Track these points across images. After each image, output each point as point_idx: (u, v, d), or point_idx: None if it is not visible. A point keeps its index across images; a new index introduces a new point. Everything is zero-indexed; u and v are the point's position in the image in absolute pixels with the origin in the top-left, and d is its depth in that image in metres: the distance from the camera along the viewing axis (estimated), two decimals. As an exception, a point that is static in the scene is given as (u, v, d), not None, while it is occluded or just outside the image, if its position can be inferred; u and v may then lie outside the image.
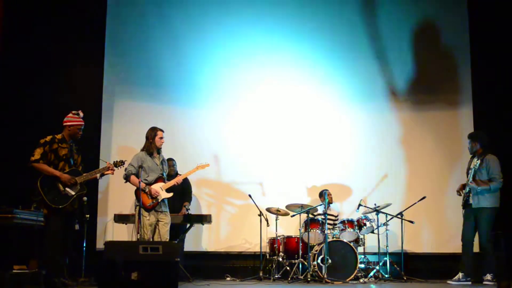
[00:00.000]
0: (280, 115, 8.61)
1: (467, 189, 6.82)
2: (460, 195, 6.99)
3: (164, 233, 6.55)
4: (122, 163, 6.35)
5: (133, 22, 8.68)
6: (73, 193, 5.94)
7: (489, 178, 6.74)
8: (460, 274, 6.76)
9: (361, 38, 8.73)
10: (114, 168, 6.27)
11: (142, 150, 6.77)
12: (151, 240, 6.47)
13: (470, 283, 6.65)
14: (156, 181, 6.64)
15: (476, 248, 6.93)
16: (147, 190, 6.51)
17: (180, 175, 7.15)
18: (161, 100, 8.54)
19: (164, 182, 6.69)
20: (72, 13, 8.38)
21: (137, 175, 6.47)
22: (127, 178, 6.60)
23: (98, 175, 6.16)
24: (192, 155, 8.08)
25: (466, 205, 6.88)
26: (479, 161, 6.74)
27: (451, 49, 8.72)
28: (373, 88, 8.65)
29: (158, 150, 6.77)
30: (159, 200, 6.56)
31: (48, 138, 5.97)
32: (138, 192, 6.43)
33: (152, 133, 6.74)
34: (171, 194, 6.67)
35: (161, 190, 6.59)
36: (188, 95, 8.60)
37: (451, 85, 8.67)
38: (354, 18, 8.78)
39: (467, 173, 6.97)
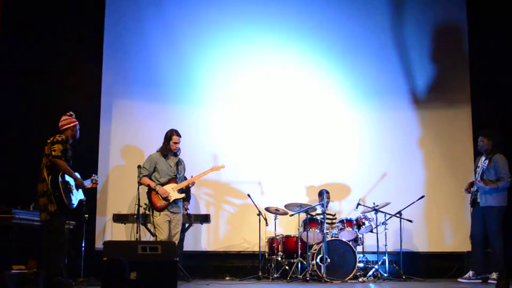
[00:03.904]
0: (279, 115, 8.60)
1: (475, 187, 6.81)
2: (468, 193, 6.97)
3: (173, 234, 6.59)
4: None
5: (132, 22, 8.65)
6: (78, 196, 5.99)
7: (497, 177, 6.72)
8: (470, 272, 6.76)
9: (360, 38, 8.74)
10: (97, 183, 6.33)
11: (158, 150, 6.79)
12: (168, 238, 6.49)
13: (480, 281, 6.64)
14: (169, 182, 6.64)
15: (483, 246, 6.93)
16: (157, 189, 6.52)
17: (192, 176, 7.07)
18: (160, 100, 8.53)
19: (177, 183, 6.68)
20: (70, 13, 8.36)
21: (149, 177, 6.55)
22: (139, 180, 6.60)
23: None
24: (191, 154, 8.04)
25: (474, 203, 6.87)
26: (487, 160, 6.70)
27: (449, 47, 8.74)
28: (371, 87, 8.65)
29: (174, 153, 6.76)
30: (170, 201, 6.55)
31: (63, 136, 5.91)
32: (148, 193, 6.53)
33: (168, 136, 6.74)
34: (183, 195, 6.68)
35: (172, 191, 6.59)
36: (187, 94, 8.59)
37: (450, 84, 8.68)
38: (353, 18, 8.78)
39: (475, 172, 6.97)
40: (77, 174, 5.98)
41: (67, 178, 5.86)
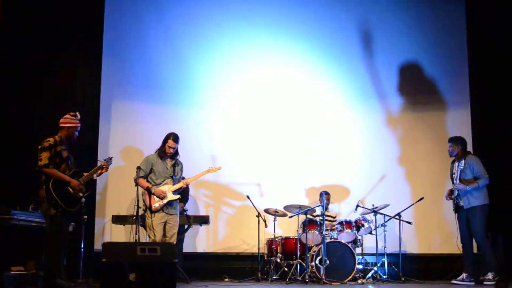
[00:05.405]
0: (278, 116, 8.61)
1: (456, 192, 6.87)
2: (449, 199, 7.05)
3: (170, 236, 6.58)
4: (109, 159, 6.34)
5: (131, 23, 8.65)
6: (81, 194, 5.94)
7: (474, 177, 6.82)
8: (464, 275, 6.80)
9: (359, 38, 8.75)
10: (108, 165, 6.24)
11: (155, 152, 6.79)
12: (163, 239, 6.48)
13: (473, 283, 6.69)
14: (164, 183, 6.65)
15: (474, 248, 6.98)
16: (153, 191, 6.52)
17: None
18: (159, 101, 8.53)
19: (173, 184, 6.68)
20: (69, 14, 8.36)
21: (145, 178, 6.58)
22: (135, 182, 6.60)
23: (95, 174, 6.14)
24: (190, 156, 8.02)
25: (457, 208, 6.95)
26: (462, 163, 6.79)
27: (449, 49, 8.74)
28: (371, 89, 8.66)
29: (171, 155, 6.75)
30: (165, 202, 6.55)
31: (51, 140, 5.81)
32: (144, 194, 6.55)
33: (165, 139, 6.75)
34: (178, 196, 6.67)
35: (168, 192, 6.59)
36: (185, 95, 8.59)
37: (449, 86, 8.69)
38: (352, 19, 8.80)
39: (452, 178, 7.05)
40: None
41: None
